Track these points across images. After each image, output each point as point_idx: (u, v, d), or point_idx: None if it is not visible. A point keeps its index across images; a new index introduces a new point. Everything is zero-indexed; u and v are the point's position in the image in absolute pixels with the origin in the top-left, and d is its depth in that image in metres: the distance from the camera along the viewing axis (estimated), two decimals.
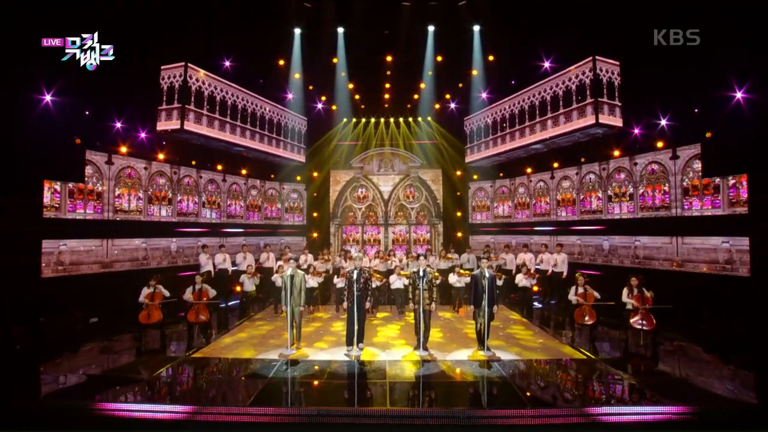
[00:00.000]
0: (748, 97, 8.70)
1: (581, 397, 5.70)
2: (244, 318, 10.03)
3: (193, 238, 13.19)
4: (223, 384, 6.16)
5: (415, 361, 6.91)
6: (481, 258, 7.49)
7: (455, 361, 6.96)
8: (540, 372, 6.70)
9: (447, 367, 6.65)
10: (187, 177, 13.41)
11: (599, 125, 10.63)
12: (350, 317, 7.43)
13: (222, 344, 7.87)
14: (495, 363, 6.78)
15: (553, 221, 13.93)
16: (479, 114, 14.89)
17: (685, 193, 10.54)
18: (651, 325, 7.63)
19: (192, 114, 11.43)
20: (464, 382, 6.17)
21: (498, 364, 6.71)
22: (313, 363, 6.84)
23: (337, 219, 16.93)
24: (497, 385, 6.03)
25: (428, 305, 7.32)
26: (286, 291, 7.45)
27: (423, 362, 6.84)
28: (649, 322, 7.64)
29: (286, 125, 15.09)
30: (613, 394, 5.83)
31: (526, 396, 5.60)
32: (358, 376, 6.38)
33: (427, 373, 6.42)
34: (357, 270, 7.47)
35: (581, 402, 5.53)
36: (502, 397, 5.76)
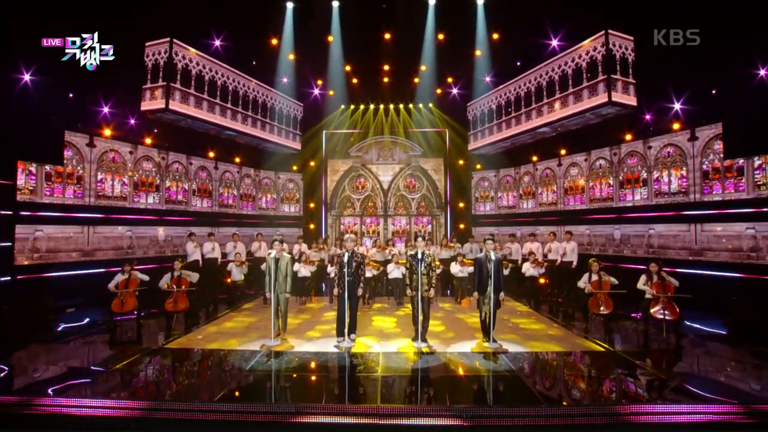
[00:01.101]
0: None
1: (601, 394, 4.90)
2: (231, 308, 9.27)
3: (182, 227, 12.44)
4: (192, 377, 5.40)
5: (413, 353, 6.13)
6: (486, 239, 6.71)
7: (457, 353, 6.16)
8: (553, 365, 5.91)
9: (448, 360, 5.85)
10: (177, 163, 12.67)
11: (612, 104, 9.81)
12: (341, 305, 6.65)
13: (201, 335, 7.11)
14: (502, 355, 5.98)
15: (560, 211, 13.12)
16: (483, 98, 14.07)
17: (704, 177, 9.71)
18: (674, 315, 6.81)
19: (178, 93, 10.67)
20: (468, 376, 5.37)
21: (505, 357, 5.91)
22: (298, 355, 6.06)
23: (335, 210, 16.16)
24: (505, 380, 5.23)
25: (427, 291, 6.54)
26: (270, 276, 6.68)
27: (421, 354, 6.06)
28: (672, 312, 6.83)
29: (280, 110, 14.32)
30: (640, 390, 5.02)
31: (538, 392, 4.81)
32: (349, 368, 5.61)
33: (425, 366, 5.64)
34: (348, 253, 6.70)
35: (599, 399, 4.73)
36: (510, 392, 4.96)
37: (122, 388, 4.91)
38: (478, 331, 6.98)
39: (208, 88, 11.47)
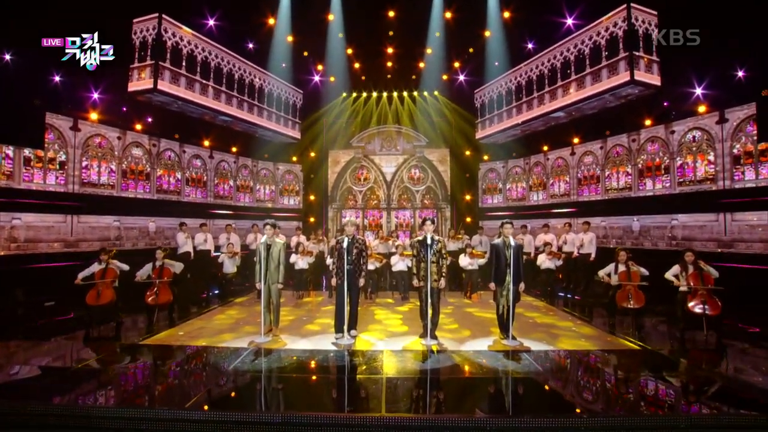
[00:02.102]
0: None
1: (646, 399, 4.08)
2: (221, 302, 8.49)
3: (175, 218, 11.64)
4: (164, 378, 4.60)
5: (421, 352, 5.32)
6: (505, 223, 5.90)
7: (473, 351, 5.34)
8: (585, 366, 5.09)
9: (463, 359, 5.03)
10: (169, 151, 11.89)
11: (635, 83, 8.97)
12: (339, 297, 5.86)
13: (184, 330, 6.31)
14: (524, 354, 5.17)
15: (573, 202, 12.28)
16: (492, 83, 13.22)
17: (735, 162, 8.87)
18: (715, 310, 5.97)
19: (167, 73, 9.89)
20: (487, 379, 4.55)
21: (528, 356, 5.10)
22: (291, 353, 5.26)
23: (336, 202, 15.36)
24: (531, 384, 4.42)
25: (437, 282, 5.74)
26: (260, 264, 5.89)
27: (431, 353, 5.26)
28: (712, 306, 5.98)
29: (278, 97, 13.53)
30: (693, 396, 4.20)
31: (571, 397, 4.00)
32: (348, 369, 4.80)
33: (436, 367, 4.82)
34: (348, 239, 5.91)
35: (642, 405, 3.92)
36: (539, 398, 4.16)
37: (79, 390, 4.12)
38: (493, 326, 6.19)
39: (200, 69, 10.68)
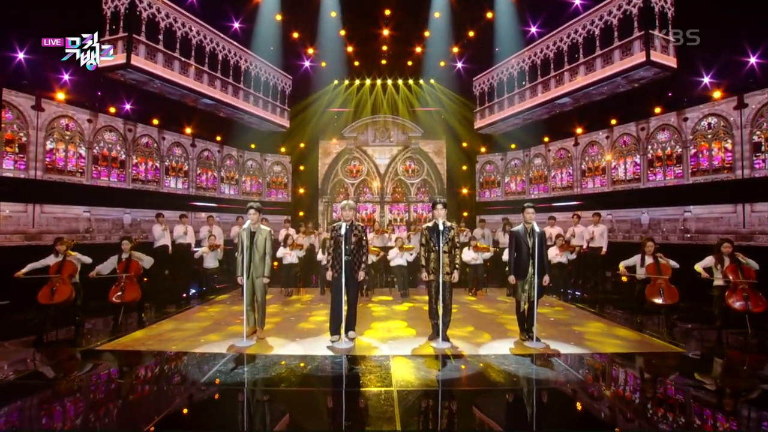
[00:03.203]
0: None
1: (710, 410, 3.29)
2: (200, 300, 7.52)
3: (153, 210, 10.58)
4: (124, 392, 3.65)
5: (433, 357, 4.46)
6: (527, 207, 5.08)
7: (493, 356, 4.49)
8: (632, 371, 4.27)
9: (485, 366, 4.15)
10: (146, 137, 10.82)
11: (651, 64, 8.26)
12: (336, 294, 4.97)
13: (153, 333, 5.34)
14: (555, 359, 4.34)
15: (576, 195, 11.57)
16: (492, 70, 12.43)
17: (755, 150, 8.21)
18: (760, 306, 5.23)
19: (143, 48, 8.86)
20: (518, 390, 3.69)
21: (561, 361, 4.27)
22: (278, 359, 4.33)
23: (327, 195, 14.42)
24: (573, 395, 3.58)
25: (449, 275, 4.89)
26: (243, 254, 4.96)
27: (444, 359, 4.40)
28: (756, 302, 5.25)
29: (266, 82, 12.54)
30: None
31: (625, 409, 3.18)
32: (350, 380, 3.90)
33: (455, 376, 3.96)
34: (347, 225, 5.02)
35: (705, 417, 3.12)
36: (586, 414, 3.32)
37: (20, 408, 3.15)
38: (509, 325, 5.37)
39: (180, 46, 9.66)
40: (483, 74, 12.75)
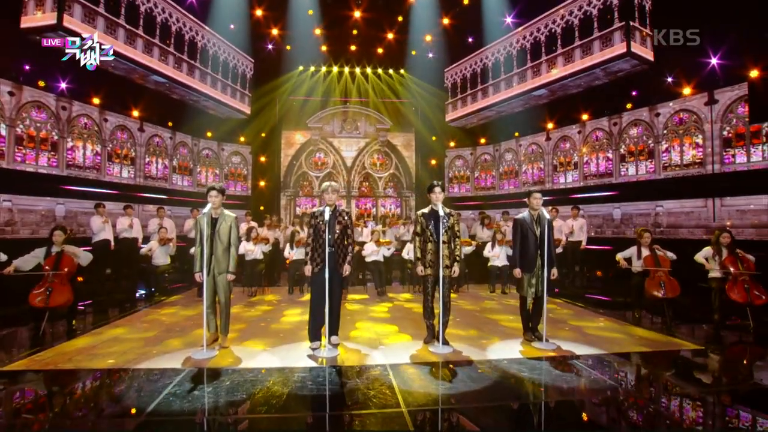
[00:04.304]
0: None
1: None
2: (149, 302, 6.36)
3: (92, 201, 9.12)
4: (41, 425, 2.63)
5: (438, 365, 3.71)
6: (533, 192, 4.49)
7: (506, 360, 3.80)
8: (668, 373, 3.72)
9: (501, 375, 3.43)
10: (85, 117, 9.33)
11: (631, 56, 8.01)
12: (317, 292, 4.12)
13: (87, 343, 4.23)
14: (575, 362, 3.73)
15: (548, 189, 11.30)
16: (466, 60, 11.92)
17: (725, 145, 8.19)
18: (761, 299, 4.95)
19: (78, 8, 7.51)
20: (563, 403, 3.00)
21: (582, 364, 3.66)
22: (249, 374, 3.42)
23: (289, 189, 13.37)
24: (616, 403, 2.97)
25: (448, 268, 4.18)
26: (201, 245, 3.99)
27: (454, 367, 3.65)
28: (759, 294, 4.97)
29: (226, 62, 11.31)
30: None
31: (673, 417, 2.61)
32: (342, 399, 3.06)
33: (472, 388, 3.19)
34: (329, 210, 4.17)
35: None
36: (637, 422, 2.72)
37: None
38: (501, 323, 4.75)
39: (126, 12, 8.34)
40: (456, 65, 12.22)
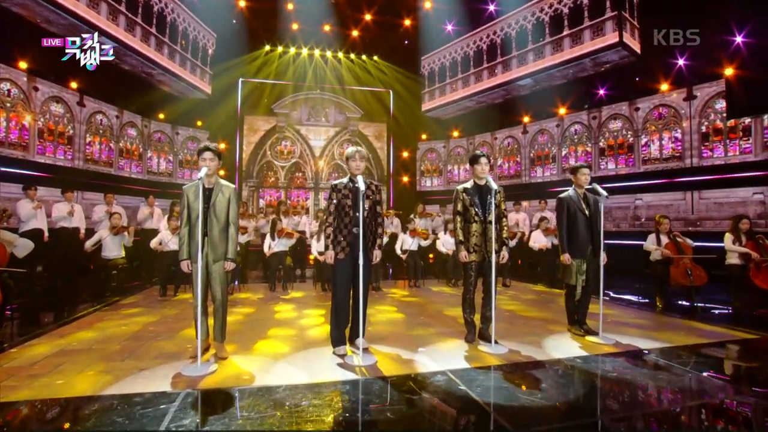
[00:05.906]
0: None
1: None
2: (98, 304, 5.05)
3: (18, 185, 7.39)
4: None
5: (502, 368, 2.94)
6: (581, 167, 3.93)
7: (577, 358, 3.10)
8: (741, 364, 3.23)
9: (588, 375, 2.77)
10: (7, 82, 7.62)
11: (623, 46, 7.84)
12: (341, 284, 3.25)
13: (21, 361, 3.01)
14: (651, 356, 3.16)
15: (525, 184, 11.05)
16: (445, 48, 11.37)
17: (703, 140, 8.28)
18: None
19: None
20: (681, 408, 2.40)
21: (659, 358, 3.09)
22: (270, 395, 2.45)
23: (252, 179, 12.10)
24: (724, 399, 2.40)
25: (497, 253, 3.47)
26: (190, 223, 2.97)
27: (526, 370, 2.92)
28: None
29: (186, 32, 9.89)
30: None
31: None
32: (412, 422, 2.21)
33: (575, 394, 2.47)
34: (361, 178, 3.28)
35: None
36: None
37: None
38: (542, 322, 4.13)
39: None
40: (434, 52, 11.64)
